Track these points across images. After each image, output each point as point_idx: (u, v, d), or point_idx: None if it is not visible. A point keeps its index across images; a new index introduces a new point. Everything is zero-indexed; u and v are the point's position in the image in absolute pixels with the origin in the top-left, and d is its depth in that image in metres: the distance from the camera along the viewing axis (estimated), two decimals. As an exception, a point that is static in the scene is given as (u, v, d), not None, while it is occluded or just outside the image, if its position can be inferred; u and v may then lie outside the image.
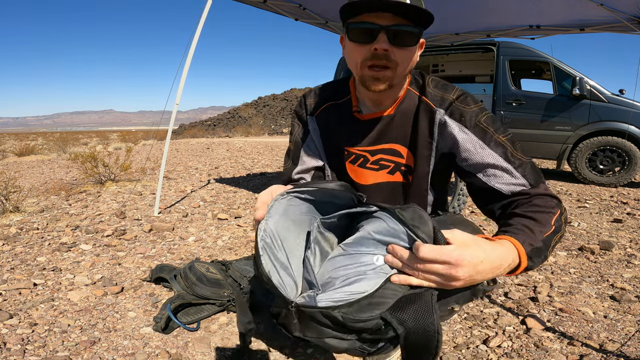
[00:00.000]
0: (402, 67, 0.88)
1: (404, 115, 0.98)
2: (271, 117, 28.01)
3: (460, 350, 1.31)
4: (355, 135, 1.02)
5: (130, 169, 4.66)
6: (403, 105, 0.97)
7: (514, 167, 0.84)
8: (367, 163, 1.03)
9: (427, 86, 0.96)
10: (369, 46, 0.85)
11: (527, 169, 0.85)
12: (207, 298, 1.55)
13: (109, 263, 2.05)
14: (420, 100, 0.96)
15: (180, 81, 2.95)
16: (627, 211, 3.34)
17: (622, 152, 4.73)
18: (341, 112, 1.04)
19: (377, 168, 1.02)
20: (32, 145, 11.17)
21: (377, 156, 1.01)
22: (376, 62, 0.86)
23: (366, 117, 1.00)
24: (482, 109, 0.90)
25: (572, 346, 1.32)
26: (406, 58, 0.87)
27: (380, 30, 0.84)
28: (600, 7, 3.01)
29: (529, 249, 0.70)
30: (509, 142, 0.87)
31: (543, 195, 0.82)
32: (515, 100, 5.26)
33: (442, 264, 0.61)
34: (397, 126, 0.98)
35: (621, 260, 2.14)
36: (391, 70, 0.87)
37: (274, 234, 0.72)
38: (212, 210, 3.19)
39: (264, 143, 11.37)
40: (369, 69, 0.87)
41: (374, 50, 0.84)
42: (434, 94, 0.94)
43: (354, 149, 1.03)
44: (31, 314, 1.50)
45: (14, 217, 2.95)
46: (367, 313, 0.63)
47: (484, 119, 0.89)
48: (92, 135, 24.55)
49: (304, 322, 0.68)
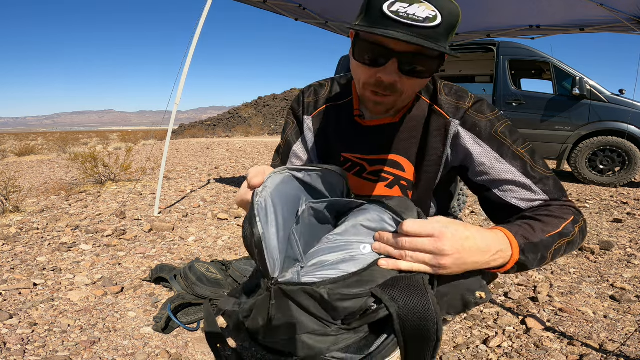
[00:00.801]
0: (408, 94, 0.77)
1: (412, 125, 0.87)
2: (271, 117, 28.02)
3: (460, 350, 1.31)
4: (353, 141, 0.92)
5: (130, 169, 4.66)
6: (411, 113, 0.87)
7: (533, 182, 0.76)
8: (363, 172, 0.93)
9: (439, 93, 0.85)
10: (375, 71, 0.73)
11: (550, 184, 0.77)
12: (207, 298, 1.55)
13: (109, 263, 2.05)
14: (432, 110, 0.85)
15: (180, 81, 2.96)
16: (627, 211, 3.34)
17: (622, 152, 4.73)
18: (340, 115, 0.94)
19: (374, 180, 0.93)
20: (32, 145, 11.17)
21: (376, 167, 0.92)
22: (379, 90, 0.75)
23: (368, 124, 0.90)
24: (499, 118, 0.81)
25: (572, 346, 1.32)
26: (415, 86, 0.76)
27: (392, 57, 0.70)
28: (600, 7, 3.01)
29: (522, 242, 0.65)
30: (529, 154, 0.78)
31: (563, 205, 0.74)
32: (515, 100, 5.26)
33: (426, 237, 0.58)
34: (403, 136, 0.88)
35: (621, 260, 2.14)
36: (395, 97, 0.76)
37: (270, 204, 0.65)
38: (212, 210, 3.19)
39: (264, 143, 11.37)
40: (371, 92, 0.77)
41: (379, 78, 0.72)
42: (447, 103, 0.83)
43: (350, 156, 0.93)
44: (31, 314, 1.50)
45: (14, 217, 2.95)
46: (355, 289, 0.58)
47: (500, 129, 0.79)
48: (92, 135, 24.55)
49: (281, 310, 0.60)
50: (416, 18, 0.64)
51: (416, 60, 0.70)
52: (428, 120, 0.85)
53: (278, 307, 0.60)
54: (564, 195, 0.77)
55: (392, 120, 0.88)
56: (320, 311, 0.59)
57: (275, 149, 1.06)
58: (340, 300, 0.58)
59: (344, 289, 0.58)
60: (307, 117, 0.99)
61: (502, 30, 4.18)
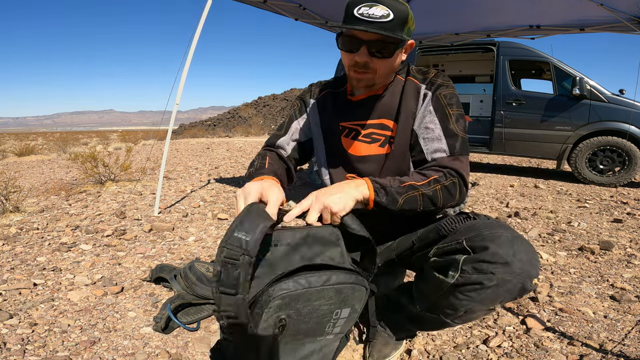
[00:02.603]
0: (381, 72, 1.04)
1: (392, 94, 1.13)
2: (271, 117, 28.00)
3: (460, 350, 1.31)
4: (348, 112, 1.19)
5: (130, 169, 4.66)
6: (391, 87, 1.14)
7: (445, 136, 1.03)
8: (359, 136, 1.16)
9: (411, 71, 1.15)
10: (352, 56, 1.02)
11: (457, 141, 1.03)
12: (207, 298, 1.55)
13: (109, 263, 2.05)
14: (407, 80, 1.12)
15: (180, 81, 2.95)
16: (627, 211, 3.34)
17: (622, 152, 4.73)
18: (337, 97, 1.22)
19: (369, 141, 1.16)
20: (32, 145, 11.17)
21: (368, 130, 1.15)
22: (357, 69, 1.03)
23: (357, 98, 1.17)
24: (448, 86, 1.08)
25: (572, 346, 1.32)
26: (385, 66, 1.03)
27: (362, 44, 0.99)
28: (600, 7, 3.01)
29: (376, 186, 0.95)
30: (454, 116, 1.05)
31: (444, 167, 1.00)
32: (515, 100, 5.26)
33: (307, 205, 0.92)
34: (385, 103, 1.13)
35: (621, 260, 2.14)
36: (371, 74, 1.04)
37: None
38: (212, 210, 3.19)
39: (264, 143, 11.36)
40: (353, 72, 1.05)
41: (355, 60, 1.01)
42: (417, 75, 1.13)
43: (347, 124, 1.18)
44: (31, 314, 1.50)
45: (14, 217, 2.95)
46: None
47: (444, 92, 1.07)
48: (92, 135, 24.55)
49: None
50: (375, 16, 0.94)
51: (379, 45, 0.99)
52: (404, 87, 1.12)
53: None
54: (462, 154, 1.02)
55: (376, 92, 1.14)
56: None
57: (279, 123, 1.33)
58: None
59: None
60: (312, 100, 1.26)
61: (502, 30, 4.17)
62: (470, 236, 0.90)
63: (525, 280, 0.85)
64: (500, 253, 0.85)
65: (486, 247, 0.86)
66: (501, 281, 0.85)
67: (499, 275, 0.84)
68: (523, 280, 0.85)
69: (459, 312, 0.93)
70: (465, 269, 0.88)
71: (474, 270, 0.87)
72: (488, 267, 0.85)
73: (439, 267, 0.96)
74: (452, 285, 0.90)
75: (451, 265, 0.92)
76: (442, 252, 0.97)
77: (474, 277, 0.87)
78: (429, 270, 0.99)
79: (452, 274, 0.90)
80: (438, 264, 0.96)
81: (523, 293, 0.87)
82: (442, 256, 0.96)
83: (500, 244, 0.86)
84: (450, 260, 0.93)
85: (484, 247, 0.87)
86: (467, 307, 0.91)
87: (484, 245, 0.87)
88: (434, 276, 0.96)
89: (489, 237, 0.88)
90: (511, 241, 0.86)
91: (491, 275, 0.85)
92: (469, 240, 0.90)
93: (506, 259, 0.84)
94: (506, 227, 0.91)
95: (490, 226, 0.91)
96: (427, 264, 1.01)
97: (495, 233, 0.88)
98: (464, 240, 0.91)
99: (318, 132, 1.25)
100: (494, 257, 0.85)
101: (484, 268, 0.86)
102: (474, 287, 0.87)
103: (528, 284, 0.85)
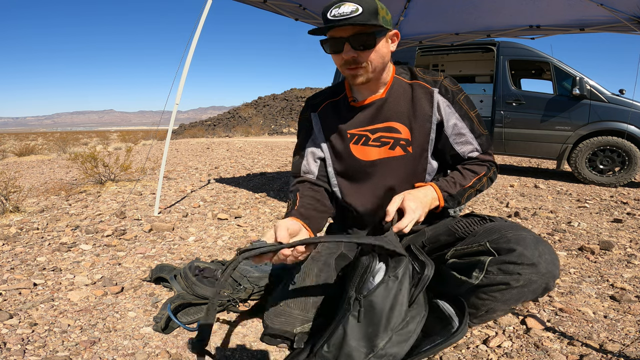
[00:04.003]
0: (374, 63, 1.06)
1: (397, 96, 1.15)
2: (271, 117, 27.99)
3: (460, 350, 1.31)
4: (354, 119, 1.19)
5: (130, 169, 4.66)
6: (393, 89, 1.16)
7: (474, 137, 1.16)
8: (369, 141, 1.19)
9: (417, 74, 1.17)
10: (340, 55, 1.06)
11: (484, 139, 1.18)
12: (207, 298, 1.55)
13: (109, 263, 2.05)
14: (416, 84, 1.15)
15: (180, 81, 2.95)
16: (627, 211, 3.34)
17: (622, 152, 4.72)
18: (339, 106, 1.22)
19: (378, 145, 1.18)
20: (32, 145, 11.17)
21: (377, 134, 1.17)
22: (349, 66, 1.06)
23: (361, 103, 1.17)
24: (461, 90, 1.17)
25: (572, 346, 1.32)
26: (374, 55, 1.06)
27: (344, 42, 1.03)
28: (600, 7, 3.01)
29: (445, 195, 1.09)
30: (476, 117, 1.17)
31: (483, 160, 1.17)
32: (515, 100, 5.26)
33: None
34: (391, 106, 1.15)
35: (621, 260, 2.14)
36: (364, 67, 1.06)
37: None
38: (212, 210, 3.19)
39: (264, 143, 11.37)
40: (347, 69, 1.08)
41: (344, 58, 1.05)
42: (426, 78, 1.16)
43: (355, 131, 1.19)
44: (31, 314, 1.50)
45: (14, 217, 2.95)
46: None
47: (462, 98, 1.16)
48: (92, 135, 24.55)
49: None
50: (345, 13, 0.99)
51: (359, 38, 1.02)
52: (413, 90, 1.15)
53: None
54: (489, 149, 1.19)
55: (380, 96, 1.16)
56: None
57: (294, 149, 1.31)
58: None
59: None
60: (313, 114, 1.26)
61: (502, 30, 4.17)
62: (493, 238, 0.93)
63: (549, 280, 0.89)
64: (527, 254, 0.87)
65: (512, 249, 0.89)
66: (528, 281, 0.88)
67: (526, 275, 0.87)
68: (547, 280, 0.88)
69: (480, 311, 0.96)
70: (491, 270, 0.91)
71: (499, 271, 0.89)
72: (515, 269, 0.88)
73: (458, 269, 0.98)
74: (475, 286, 0.93)
75: (474, 266, 0.94)
76: (462, 254, 1.00)
77: (499, 278, 0.89)
78: (447, 271, 1.01)
79: (475, 275, 0.92)
80: (458, 265, 0.99)
81: (545, 292, 0.91)
82: (463, 257, 0.99)
83: (526, 246, 0.88)
84: (473, 261, 0.95)
85: (509, 249, 0.89)
86: (489, 307, 0.94)
87: (509, 248, 0.89)
88: (453, 277, 0.98)
89: (514, 239, 0.90)
90: (536, 243, 0.89)
91: (518, 276, 0.88)
92: (493, 242, 0.93)
93: (533, 260, 0.87)
94: (527, 229, 0.94)
95: (513, 228, 0.94)
96: (444, 266, 1.03)
97: (519, 235, 0.91)
98: (486, 242, 0.94)
99: (325, 144, 1.25)
100: (521, 259, 0.87)
101: (510, 269, 0.88)
102: (499, 287, 0.90)
103: (551, 284, 0.89)
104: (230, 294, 1.59)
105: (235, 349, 1.34)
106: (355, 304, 0.83)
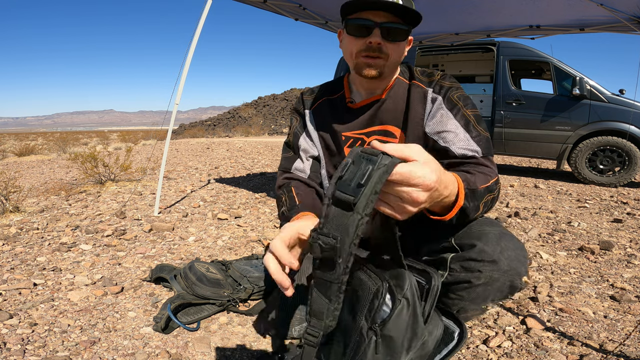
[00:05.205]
0: (392, 59, 0.98)
1: (395, 98, 1.07)
2: (271, 117, 28.00)
3: (460, 350, 1.31)
4: (349, 121, 1.11)
5: (130, 169, 4.66)
6: (393, 90, 1.08)
7: (471, 137, 0.94)
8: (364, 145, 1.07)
9: (415, 73, 1.09)
10: (365, 39, 0.95)
11: (483, 141, 0.95)
12: (207, 298, 1.55)
13: (109, 263, 2.05)
14: (412, 84, 1.06)
15: (180, 81, 2.95)
16: (627, 211, 3.34)
17: (622, 152, 4.72)
18: (335, 105, 1.14)
19: None
20: (32, 145, 11.17)
21: (372, 137, 1.09)
22: (370, 54, 0.96)
23: (358, 105, 1.10)
24: (458, 88, 1.03)
25: (572, 346, 1.32)
26: (396, 51, 0.98)
27: (375, 27, 0.93)
28: (600, 7, 3.01)
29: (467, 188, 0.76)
30: (474, 116, 0.98)
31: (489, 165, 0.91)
32: (515, 100, 5.26)
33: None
34: (389, 109, 1.07)
35: (621, 260, 2.14)
36: (383, 60, 0.97)
37: None
38: (212, 210, 3.19)
39: (264, 143, 11.37)
40: (363, 57, 0.97)
41: (369, 43, 0.95)
42: (423, 79, 1.07)
43: (350, 134, 1.12)
44: (31, 314, 1.50)
45: (14, 217, 2.95)
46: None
47: (457, 94, 1.01)
48: (92, 135, 24.54)
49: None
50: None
51: (392, 30, 0.94)
52: (409, 91, 1.06)
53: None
54: (491, 154, 0.95)
55: (378, 97, 1.07)
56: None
57: (284, 143, 1.21)
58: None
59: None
60: (307, 111, 1.17)
61: (502, 30, 4.17)
62: (458, 233, 0.89)
63: (513, 277, 0.83)
64: (487, 250, 0.83)
65: (473, 245, 0.85)
66: (489, 279, 0.83)
67: (487, 273, 0.83)
68: (511, 278, 0.83)
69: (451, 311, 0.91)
70: (454, 268, 0.87)
71: (462, 268, 0.85)
72: (475, 265, 0.83)
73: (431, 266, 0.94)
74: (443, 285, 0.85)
75: (441, 264, 0.90)
76: (433, 250, 0.95)
77: (462, 276, 0.85)
78: None
79: (441, 273, 0.88)
80: (430, 263, 0.94)
81: (514, 291, 0.86)
82: (433, 254, 0.94)
83: (487, 242, 0.84)
84: (440, 259, 0.91)
85: (471, 245, 0.85)
86: (459, 306, 0.90)
87: (471, 243, 0.85)
88: None
89: (477, 234, 0.86)
90: (498, 238, 0.84)
91: (478, 274, 0.83)
92: (457, 237, 0.89)
93: (493, 256, 0.82)
94: (496, 224, 0.89)
95: (479, 223, 0.89)
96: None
97: (482, 230, 0.86)
98: (452, 238, 0.89)
99: (319, 144, 1.17)
100: (481, 255, 0.83)
101: (471, 266, 0.84)
102: (463, 285, 0.86)
103: (517, 282, 0.84)
104: (230, 294, 1.59)
105: (235, 349, 1.34)
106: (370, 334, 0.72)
